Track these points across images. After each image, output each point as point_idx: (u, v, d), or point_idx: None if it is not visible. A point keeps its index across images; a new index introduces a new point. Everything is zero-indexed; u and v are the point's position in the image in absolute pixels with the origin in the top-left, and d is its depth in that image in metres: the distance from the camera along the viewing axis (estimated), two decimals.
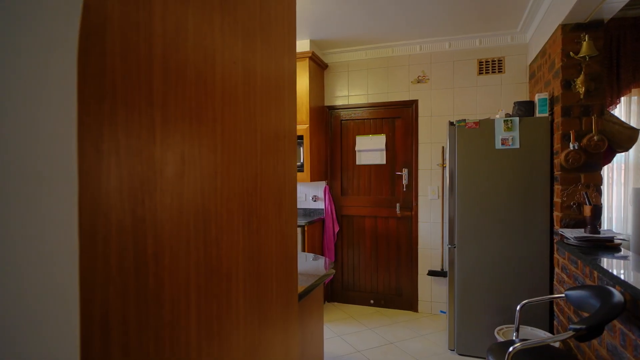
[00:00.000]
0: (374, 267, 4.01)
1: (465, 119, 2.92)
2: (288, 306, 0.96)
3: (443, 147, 3.74)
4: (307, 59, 3.70)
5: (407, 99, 3.86)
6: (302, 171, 3.80)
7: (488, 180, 2.85)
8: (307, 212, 4.20)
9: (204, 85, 0.58)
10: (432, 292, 3.81)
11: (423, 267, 3.83)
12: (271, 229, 0.86)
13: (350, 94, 4.05)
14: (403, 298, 3.91)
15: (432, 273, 3.73)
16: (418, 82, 3.84)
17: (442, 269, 3.73)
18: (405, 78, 3.87)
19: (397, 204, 3.88)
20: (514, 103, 2.97)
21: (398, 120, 3.93)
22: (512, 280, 2.81)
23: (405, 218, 3.90)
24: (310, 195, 4.19)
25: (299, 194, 4.24)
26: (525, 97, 3.50)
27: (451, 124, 2.97)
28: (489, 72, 3.61)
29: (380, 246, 3.99)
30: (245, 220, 0.73)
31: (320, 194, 4.15)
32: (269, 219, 0.85)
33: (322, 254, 4.02)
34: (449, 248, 2.98)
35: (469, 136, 2.89)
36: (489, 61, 3.61)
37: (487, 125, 2.86)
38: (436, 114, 3.78)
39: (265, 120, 0.84)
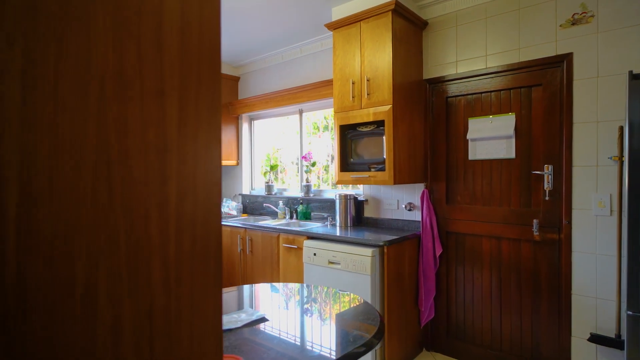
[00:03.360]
0: (496, 313, 2.70)
1: None
2: None
3: (621, 128, 2.19)
4: (390, 14, 2.66)
5: (553, 54, 2.43)
6: (384, 170, 2.77)
7: None
8: (397, 224, 3.14)
9: None
10: None
11: (580, 326, 2.35)
12: None
13: (459, 58, 2.82)
14: None
15: (597, 339, 2.23)
16: (573, 24, 2.36)
17: (617, 336, 2.20)
18: (550, 21, 2.44)
19: (535, 221, 2.49)
20: None
21: (536, 90, 2.53)
22: None
23: (549, 243, 2.47)
24: (404, 201, 3.11)
25: (385, 200, 3.21)
26: None
27: (636, 77, 1.56)
28: None
29: (505, 282, 2.65)
30: None
31: (417, 201, 3.04)
32: None
33: (417, 284, 2.91)
34: (630, 316, 1.57)
35: None
36: None
37: None
38: (607, 72, 2.25)
39: None
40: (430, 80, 2.96)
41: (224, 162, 4.36)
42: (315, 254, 2.88)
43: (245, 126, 4.56)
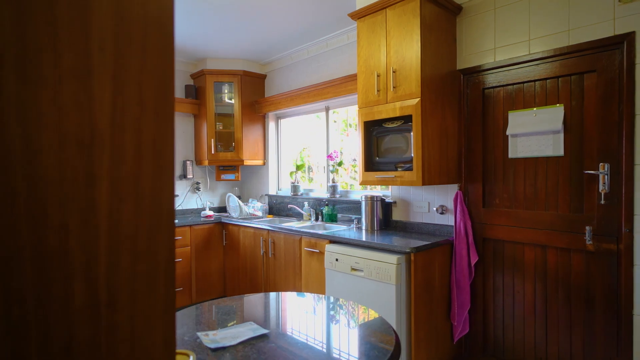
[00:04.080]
0: (540, 331, 2.38)
1: None
2: None
3: None
4: None
5: (611, 35, 2.09)
6: (411, 169, 2.54)
7: None
8: (428, 229, 2.88)
9: None
10: None
11: None
12: None
13: (498, 45, 2.52)
14: None
15: None
16: None
17: None
18: None
19: (588, 228, 2.15)
20: None
21: (589, 77, 2.19)
22: None
23: (605, 254, 2.13)
24: (436, 204, 2.85)
25: (415, 202, 2.96)
26: None
27: None
28: None
29: (552, 297, 2.33)
30: None
31: (450, 204, 2.77)
32: None
33: (449, 296, 2.64)
34: None
35: None
36: None
37: None
38: None
39: None
40: (464, 71, 2.68)
41: (250, 162, 4.28)
42: (337, 260, 2.70)
43: (271, 125, 4.45)
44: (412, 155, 2.50)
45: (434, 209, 2.85)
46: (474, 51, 2.63)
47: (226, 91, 4.30)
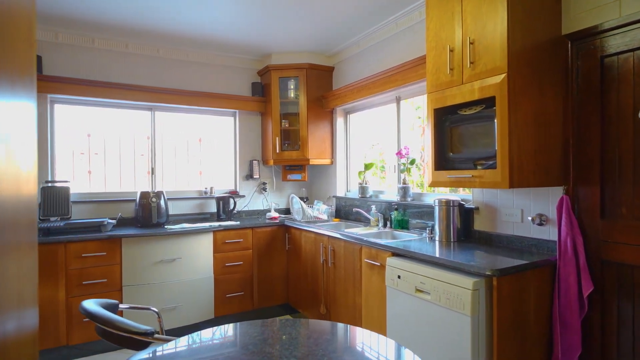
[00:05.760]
0: None
1: None
2: None
3: None
4: None
5: None
6: (495, 167, 1.96)
7: None
8: (520, 244, 2.24)
9: None
10: None
11: None
12: None
13: None
14: None
15: None
16: None
17: None
18: None
19: None
20: None
21: None
22: None
23: None
24: (532, 212, 2.21)
25: (503, 209, 2.34)
26: None
27: None
28: None
29: None
30: None
31: (552, 213, 2.11)
32: None
33: (551, 336, 1.99)
34: None
35: None
36: None
37: None
38: None
39: None
40: (573, 35, 2.01)
41: (316, 161, 3.99)
42: (399, 277, 2.24)
43: (339, 121, 4.11)
44: (497, 147, 1.93)
45: (529, 218, 2.21)
46: (587, 7, 1.95)
47: (292, 87, 4.08)
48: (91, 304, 1.44)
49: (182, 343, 1.35)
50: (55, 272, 2.83)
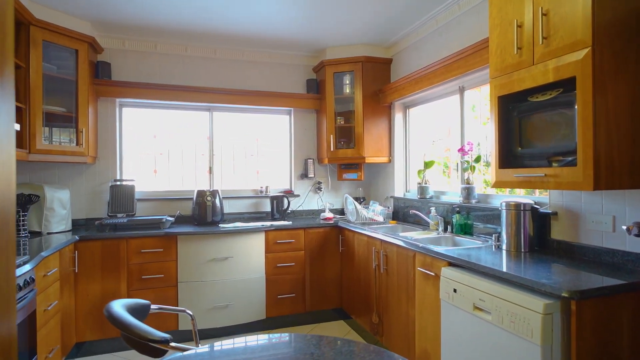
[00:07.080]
0: None
1: None
2: None
3: None
4: None
5: None
6: (574, 165, 1.60)
7: None
8: (611, 258, 1.82)
9: None
10: None
11: None
12: None
13: None
14: None
15: None
16: None
17: None
18: None
19: None
20: None
21: None
22: None
23: None
24: (626, 219, 1.78)
25: (588, 215, 1.92)
26: None
27: None
28: None
29: None
30: None
31: None
32: None
33: None
34: None
35: None
36: None
37: None
38: None
39: None
40: None
41: (372, 159, 3.77)
42: (455, 290, 1.96)
43: (398, 116, 3.84)
44: (577, 140, 1.57)
45: (623, 227, 1.78)
46: None
47: (347, 82, 3.91)
48: (117, 306, 1.42)
49: (201, 351, 1.26)
50: (118, 266, 2.99)
